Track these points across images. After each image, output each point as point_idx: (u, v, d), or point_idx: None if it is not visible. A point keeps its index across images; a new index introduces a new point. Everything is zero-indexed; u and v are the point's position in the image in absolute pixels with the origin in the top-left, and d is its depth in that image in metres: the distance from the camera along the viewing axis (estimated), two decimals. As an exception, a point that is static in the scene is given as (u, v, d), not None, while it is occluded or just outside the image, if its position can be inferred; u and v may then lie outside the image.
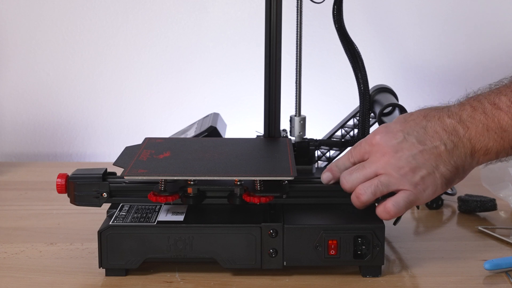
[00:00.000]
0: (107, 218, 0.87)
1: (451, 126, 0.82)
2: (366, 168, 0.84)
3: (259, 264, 0.85)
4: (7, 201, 1.16)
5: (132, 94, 1.48)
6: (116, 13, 1.46)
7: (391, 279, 0.86)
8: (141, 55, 1.47)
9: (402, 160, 0.82)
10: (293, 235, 0.84)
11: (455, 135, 0.82)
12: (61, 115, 1.49)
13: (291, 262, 0.85)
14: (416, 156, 0.82)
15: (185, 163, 0.89)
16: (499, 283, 0.85)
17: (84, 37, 1.46)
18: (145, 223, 0.85)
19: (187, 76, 1.48)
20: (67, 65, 1.47)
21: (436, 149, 0.82)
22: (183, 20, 1.46)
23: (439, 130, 0.83)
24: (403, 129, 0.84)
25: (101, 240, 0.84)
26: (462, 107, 0.83)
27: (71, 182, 0.89)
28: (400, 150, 0.82)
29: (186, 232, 0.84)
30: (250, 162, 0.91)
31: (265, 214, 0.87)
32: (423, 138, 0.83)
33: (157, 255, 0.85)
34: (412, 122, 0.84)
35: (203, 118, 1.16)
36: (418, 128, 0.83)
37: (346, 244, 0.84)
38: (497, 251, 0.94)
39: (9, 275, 0.87)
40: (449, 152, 0.82)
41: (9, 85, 1.47)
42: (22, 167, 1.36)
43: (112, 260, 0.85)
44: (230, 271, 0.86)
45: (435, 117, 0.84)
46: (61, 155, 1.49)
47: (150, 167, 0.86)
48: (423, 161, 0.82)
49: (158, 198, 0.85)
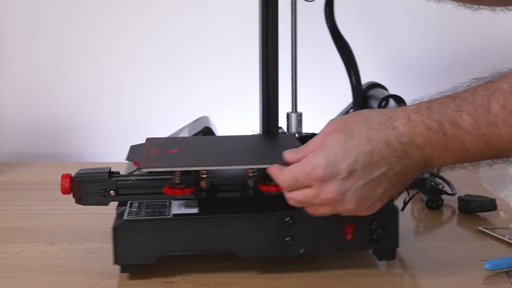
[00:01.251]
0: (118, 215, 0.86)
1: (401, 149, 0.75)
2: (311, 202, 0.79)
3: (277, 253, 0.85)
4: (7, 201, 1.16)
5: (132, 94, 1.48)
6: (116, 13, 1.46)
7: (391, 279, 0.86)
8: (141, 55, 1.47)
9: (348, 195, 0.76)
10: (309, 222, 0.84)
11: (406, 158, 0.76)
12: (61, 115, 1.49)
13: (308, 249, 0.86)
14: (363, 188, 0.76)
15: (197, 156, 0.89)
16: (499, 283, 0.85)
17: (84, 37, 1.46)
18: (160, 217, 0.84)
19: (187, 76, 1.48)
20: (67, 65, 1.47)
21: (384, 176, 0.76)
22: (183, 20, 1.46)
23: (386, 155, 0.75)
24: (347, 160, 0.76)
25: (116, 236, 0.83)
26: (413, 127, 0.75)
27: (76, 182, 0.87)
28: (345, 186, 0.76)
29: (203, 224, 0.84)
30: (262, 153, 0.92)
31: (279, 203, 0.85)
32: (369, 168, 0.76)
33: (173, 249, 0.84)
34: (355, 150, 0.76)
35: (193, 121, 1.15)
36: (362, 156, 0.75)
37: (362, 228, 0.86)
38: (497, 251, 0.94)
39: (9, 275, 0.87)
40: (398, 175, 0.76)
41: (9, 85, 1.47)
42: (22, 167, 1.36)
43: (128, 256, 0.84)
44: (230, 271, 0.86)
45: (380, 141, 0.75)
46: (61, 155, 1.49)
47: (164, 160, 0.86)
48: (370, 192, 0.77)
49: (174, 191, 0.85)
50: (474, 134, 0.73)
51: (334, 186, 0.76)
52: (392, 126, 0.76)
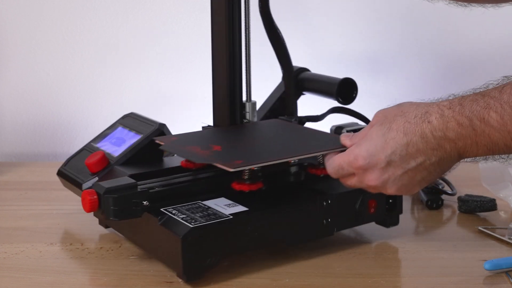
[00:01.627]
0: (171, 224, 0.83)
1: (436, 143, 0.80)
2: (359, 186, 0.86)
3: (319, 235, 0.92)
4: (7, 201, 1.16)
5: (132, 94, 1.48)
6: (116, 13, 1.46)
7: (391, 279, 0.86)
8: (141, 55, 1.47)
9: (389, 183, 0.83)
10: (341, 201, 0.92)
11: (441, 150, 0.80)
12: (61, 115, 1.49)
13: (339, 227, 0.93)
14: (402, 177, 0.82)
15: (253, 150, 0.93)
16: (499, 283, 0.85)
17: (84, 37, 1.46)
18: (221, 219, 0.84)
19: (187, 76, 1.48)
20: (67, 65, 1.47)
21: (422, 165, 0.81)
22: (183, 20, 1.46)
23: (421, 147, 0.80)
24: (385, 151, 0.81)
25: (184, 244, 0.80)
26: (446, 122, 0.79)
27: (108, 197, 0.83)
28: (385, 175, 0.82)
29: (261, 219, 0.86)
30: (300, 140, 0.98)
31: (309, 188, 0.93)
32: (406, 158, 0.81)
33: (234, 249, 0.85)
34: (392, 142, 0.81)
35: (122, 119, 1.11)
36: (400, 148, 0.81)
37: (381, 201, 0.96)
38: (497, 251, 0.94)
39: (9, 275, 0.87)
40: (435, 164, 0.81)
41: (9, 85, 1.47)
42: (22, 167, 1.36)
43: (194, 264, 0.82)
44: (230, 271, 0.86)
45: (416, 134, 0.81)
46: (61, 155, 1.49)
47: (237, 157, 0.88)
48: (409, 180, 0.82)
49: (242, 187, 0.89)
50: (500, 131, 0.77)
51: (374, 175, 0.83)
52: (427, 120, 0.80)
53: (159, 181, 0.90)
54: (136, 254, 0.92)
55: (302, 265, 0.89)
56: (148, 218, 0.86)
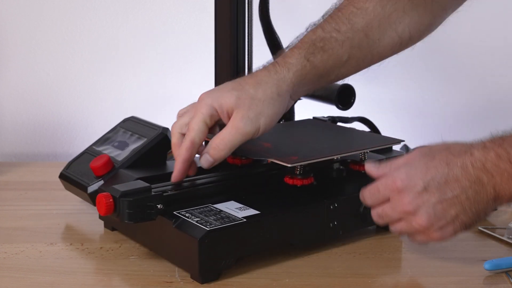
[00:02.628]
0: (186, 227, 0.84)
1: (475, 175, 0.79)
2: (389, 216, 0.84)
3: (327, 238, 0.93)
4: (7, 201, 1.16)
5: (132, 94, 1.48)
6: (116, 13, 1.46)
7: (391, 279, 0.86)
8: (141, 55, 1.47)
9: (421, 211, 0.81)
10: (346, 205, 0.94)
11: (478, 184, 0.79)
12: (61, 115, 1.49)
13: (345, 230, 0.94)
14: (436, 206, 0.80)
15: (303, 147, 0.97)
16: (499, 283, 0.85)
17: (84, 37, 1.46)
18: (235, 222, 0.85)
19: (187, 76, 1.48)
20: (67, 65, 1.47)
21: (457, 199, 0.80)
22: (183, 20, 1.46)
23: (461, 178, 0.80)
24: (424, 177, 0.81)
25: (200, 247, 0.81)
26: (486, 153, 0.79)
27: (124, 201, 0.84)
28: (419, 200, 0.81)
29: (273, 222, 0.87)
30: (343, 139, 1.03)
31: (316, 192, 0.94)
32: (443, 188, 0.80)
33: (246, 251, 0.86)
34: (434, 170, 0.81)
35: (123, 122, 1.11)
36: (439, 176, 0.80)
37: None
38: (497, 251, 0.94)
39: (9, 275, 0.87)
40: (471, 201, 0.80)
41: (9, 85, 1.47)
42: (22, 167, 1.36)
43: (210, 265, 0.83)
44: (230, 271, 0.86)
45: (457, 165, 0.80)
46: (61, 155, 1.49)
47: (291, 153, 0.91)
48: (442, 212, 0.80)
49: (295, 181, 0.92)
50: None
51: (408, 198, 0.81)
52: (470, 152, 0.80)
53: (169, 184, 0.91)
54: (136, 254, 0.92)
55: (302, 265, 0.89)
56: (161, 221, 0.87)
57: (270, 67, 0.92)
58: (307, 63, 0.92)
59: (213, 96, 0.89)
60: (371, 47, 0.95)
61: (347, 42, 0.93)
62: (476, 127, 1.53)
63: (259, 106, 0.88)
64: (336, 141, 1.03)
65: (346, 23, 0.94)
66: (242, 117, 0.87)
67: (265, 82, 0.90)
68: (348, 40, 0.93)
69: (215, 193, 0.94)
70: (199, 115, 0.89)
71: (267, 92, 0.89)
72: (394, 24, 0.95)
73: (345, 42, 0.93)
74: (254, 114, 0.88)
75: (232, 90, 0.89)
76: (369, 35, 0.94)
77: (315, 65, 0.92)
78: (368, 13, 0.94)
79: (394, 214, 0.83)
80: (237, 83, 0.91)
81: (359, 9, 0.94)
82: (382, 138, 1.07)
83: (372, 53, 0.96)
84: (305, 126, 1.10)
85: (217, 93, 0.90)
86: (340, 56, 0.93)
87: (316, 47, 0.92)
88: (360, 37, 0.94)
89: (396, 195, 0.82)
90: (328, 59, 0.93)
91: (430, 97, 1.52)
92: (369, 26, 0.94)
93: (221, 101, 0.88)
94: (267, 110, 0.88)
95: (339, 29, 0.93)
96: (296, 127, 1.11)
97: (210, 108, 0.89)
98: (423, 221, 0.81)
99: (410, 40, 0.98)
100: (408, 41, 0.98)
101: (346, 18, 0.94)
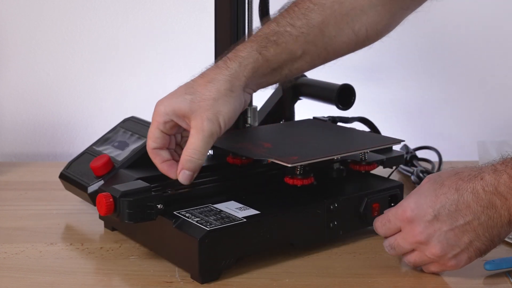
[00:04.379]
0: (187, 227, 0.84)
1: (487, 199, 0.78)
2: (401, 247, 0.84)
3: (327, 238, 0.93)
4: (7, 201, 1.16)
5: (132, 94, 1.48)
6: (116, 13, 1.46)
7: (391, 279, 0.86)
8: (141, 55, 1.47)
9: (433, 240, 0.80)
10: (347, 205, 0.94)
11: (491, 208, 0.78)
12: (61, 115, 1.49)
13: (345, 230, 0.94)
14: (448, 234, 0.80)
15: (304, 147, 0.97)
16: (499, 283, 0.85)
17: (84, 37, 1.46)
18: (235, 222, 0.85)
19: (187, 76, 1.48)
20: (67, 65, 1.47)
21: (469, 225, 0.79)
22: (183, 20, 1.46)
23: (472, 204, 0.78)
24: (433, 205, 0.80)
25: (201, 247, 0.81)
26: (498, 176, 0.77)
27: (122, 201, 0.84)
28: (430, 229, 0.80)
29: (273, 222, 0.87)
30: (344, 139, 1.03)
31: (316, 192, 0.94)
32: (454, 215, 0.79)
33: (246, 251, 0.86)
34: (443, 197, 0.80)
35: (123, 122, 1.11)
36: (449, 203, 0.79)
37: (384, 204, 0.97)
38: (497, 251, 0.94)
39: (9, 275, 0.87)
40: (484, 226, 0.78)
41: (9, 85, 1.47)
42: (22, 167, 1.36)
43: (210, 265, 0.83)
44: (230, 271, 0.86)
45: (468, 190, 0.79)
46: (61, 155, 1.49)
47: (291, 153, 0.91)
48: (455, 240, 0.80)
49: (295, 181, 0.92)
50: None
51: (419, 228, 0.81)
52: (480, 177, 0.79)
53: (169, 184, 0.91)
54: (136, 254, 0.92)
55: (302, 265, 0.89)
56: (161, 221, 0.87)
57: (220, 63, 0.90)
58: (259, 56, 0.90)
59: (166, 104, 0.88)
60: (327, 44, 0.94)
61: (301, 37, 0.92)
62: (477, 127, 1.53)
63: (214, 106, 0.86)
64: (336, 141, 1.03)
65: (301, 18, 0.92)
66: (202, 119, 0.86)
67: (217, 80, 0.88)
68: (302, 35, 0.92)
69: (215, 193, 0.94)
70: (154, 123, 0.89)
71: (220, 90, 0.87)
72: (352, 22, 0.94)
73: (299, 37, 0.92)
74: (212, 114, 0.86)
75: (185, 95, 0.88)
76: (324, 32, 0.93)
77: (267, 59, 0.91)
78: (325, 9, 0.92)
79: (406, 244, 0.83)
80: (189, 86, 0.89)
81: (316, 5, 0.93)
82: (382, 138, 1.07)
83: (327, 50, 0.94)
84: (305, 126, 1.10)
85: (169, 100, 0.89)
86: (294, 51, 0.92)
87: (269, 40, 0.91)
88: (315, 33, 0.92)
89: (407, 225, 0.82)
90: (281, 53, 0.91)
91: (430, 97, 1.52)
92: (325, 23, 0.93)
93: (174, 106, 0.87)
94: (223, 108, 0.87)
95: (294, 24, 0.92)
96: (296, 127, 1.11)
97: (163, 115, 0.88)
98: (437, 250, 0.80)
99: (367, 39, 0.96)
100: (365, 40, 0.96)
101: (302, 13, 0.92)
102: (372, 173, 1.03)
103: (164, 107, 0.88)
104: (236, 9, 1.04)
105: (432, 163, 1.29)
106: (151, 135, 0.89)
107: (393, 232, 0.84)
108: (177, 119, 0.88)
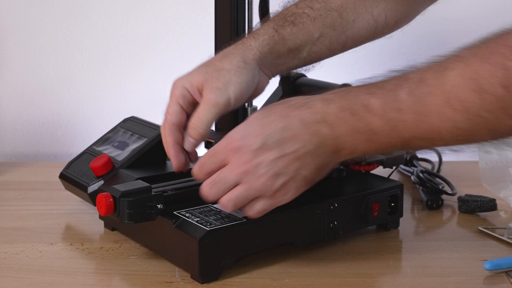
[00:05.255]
0: (187, 227, 0.84)
1: (314, 128, 0.77)
2: (226, 179, 0.80)
3: (327, 238, 0.93)
4: (7, 201, 1.16)
5: (132, 94, 1.48)
6: (116, 13, 1.46)
7: (391, 279, 0.86)
8: (142, 55, 1.47)
9: (261, 168, 0.78)
10: (347, 205, 0.93)
11: (318, 137, 0.77)
12: (61, 115, 1.49)
13: (345, 230, 0.94)
14: (276, 161, 0.77)
15: None
16: (499, 283, 0.85)
17: (84, 37, 1.46)
18: (236, 222, 0.85)
19: (187, 76, 1.48)
20: (67, 65, 1.47)
21: (297, 153, 0.77)
22: (183, 20, 1.46)
23: (299, 132, 0.77)
24: (261, 133, 0.78)
25: (201, 247, 0.82)
26: (326, 106, 0.77)
27: (124, 201, 0.83)
28: (259, 157, 0.78)
29: (273, 222, 0.87)
30: None
31: (316, 192, 0.91)
32: (282, 143, 0.77)
33: (247, 250, 0.86)
34: (271, 125, 0.78)
35: (123, 122, 1.11)
36: (277, 130, 0.77)
37: (384, 204, 0.97)
38: (497, 251, 0.94)
39: (9, 275, 0.87)
40: (311, 154, 0.77)
41: (9, 85, 1.47)
42: (22, 167, 1.36)
43: (210, 265, 0.83)
44: (230, 271, 0.86)
45: (296, 116, 0.77)
46: (61, 155, 1.49)
47: None
48: (283, 167, 0.78)
49: (360, 167, 0.96)
50: (381, 117, 0.74)
51: (246, 156, 0.78)
52: (308, 106, 0.78)
53: (169, 184, 0.91)
54: (136, 254, 0.92)
55: (302, 265, 0.89)
56: (161, 221, 0.86)
57: (238, 41, 0.92)
58: (275, 33, 0.91)
59: (183, 78, 0.89)
60: (345, 28, 0.94)
61: (319, 20, 0.92)
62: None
63: (226, 76, 0.86)
64: None
65: (320, 1, 0.93)
66: (211, 88, 0.86)
67: (232, 53, 0.89)
68: (320, 17, 0.92)
69: None
70: (172, 98, 0.89)
71: (233, 62, 0.88)
72: (370, 7, 0.94)
73: (317, 19, 0.92)
74: (222, 83, 0.86)
75: (200, 67, 0.89)
76: (343, 16, 0.93)
77: (283, 37, 0.91)
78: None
79: (232, 175, 0.79)
80: (206, 61, 0.91)
81: None
82: None
83: (346, 34, 0.95)
84: None
85: (187, 75, 0.90)
86: (312, 32, 0.92)
87: (286, 20, 0.92)
88: (333, 16, 0.93)
89: (234, 155, 0.79)
90: (298, 33, 0.92)
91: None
92: (344, 7, 0.93)
93: (190, 79, 0.88)
94: (235, 78, 0.87)
95: (312, 7, 0.93)
96: None
97: (181, 89, 0.88)
98: (264, 179, 0.78)
99: (386, 26, 0.96)
100: (384, 27, 0.96)
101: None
102: (372, 173, 1.03)
103: (181, 81, 0.89)
104: (236, 9, 1.03)
105: (432, 163, 1.29)
106: (170, 110, 0.89)
107: (218, 167, 0.80)
108: (193, 91, 0.88)
